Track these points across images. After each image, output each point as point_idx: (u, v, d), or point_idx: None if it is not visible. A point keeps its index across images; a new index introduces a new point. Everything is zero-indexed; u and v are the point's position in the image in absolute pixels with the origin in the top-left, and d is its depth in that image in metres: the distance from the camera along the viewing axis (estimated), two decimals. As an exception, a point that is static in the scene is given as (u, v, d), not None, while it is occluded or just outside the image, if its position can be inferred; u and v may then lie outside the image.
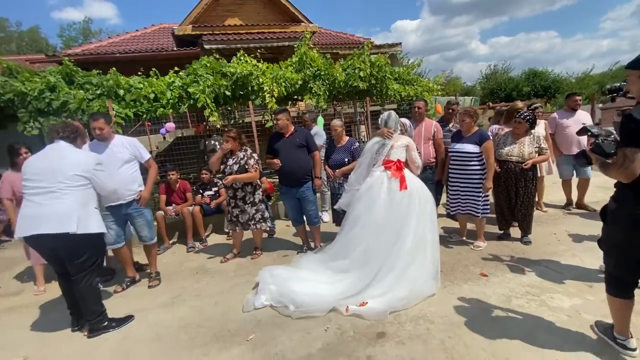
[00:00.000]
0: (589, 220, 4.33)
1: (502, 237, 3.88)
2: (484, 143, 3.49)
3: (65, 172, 2.48)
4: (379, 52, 8.56)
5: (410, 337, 2.29)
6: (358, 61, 5.78)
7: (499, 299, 2.67)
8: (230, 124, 6.03)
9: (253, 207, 3.76)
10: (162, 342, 2.49)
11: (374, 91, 6.13)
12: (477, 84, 33.64)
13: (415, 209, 2.92)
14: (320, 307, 2.64)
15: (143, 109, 4.84)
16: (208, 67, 5.14)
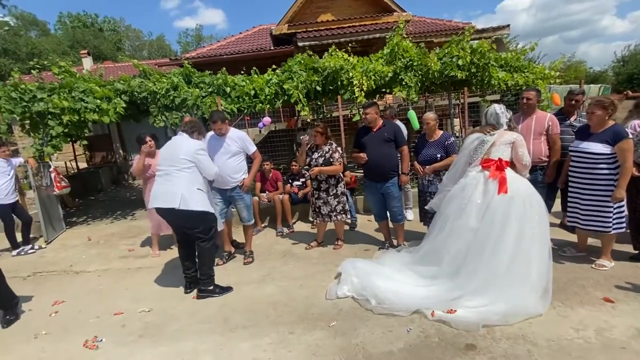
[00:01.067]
0: None
1: (638, 258, 3.14)
2: (618, 143, 2.82)
3: (176, 156, 2.99)
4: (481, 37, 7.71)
5: (506, 356, 2.06)
6: (456, 48, 5.30)
7: (628, 332, 2.18)
8: (319, 118, 6.25)
9: (335, 199, 3.88)
10: (254, 314, 2.78)
11: (473, 80, 5.56)
12: (609, 68, 27.55)
13: (517, 216, 2.58)
14: (404, 306, 2.57)
15: (245, 105, 5.38)
16: (301, 63, 5.40)
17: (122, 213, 6.61)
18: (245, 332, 2.54)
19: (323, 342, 2.33)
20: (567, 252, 3.36)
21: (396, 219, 3.84)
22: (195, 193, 2.99)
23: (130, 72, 8.28)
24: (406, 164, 3.73)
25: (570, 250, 3.37)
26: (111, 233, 5.52)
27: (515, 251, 2.55)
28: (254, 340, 2.42)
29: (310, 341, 2.36)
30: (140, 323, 2.80)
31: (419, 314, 2.52)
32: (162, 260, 4.17)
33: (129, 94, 5.52)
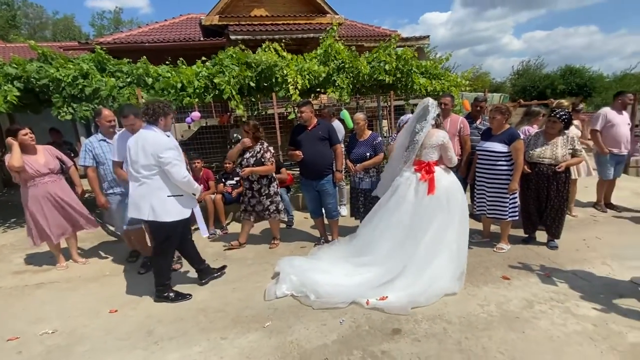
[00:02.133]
0: (621, 227, 4.11)
1: (528, 241, 3.75)
2: (513, 142, 3.35)
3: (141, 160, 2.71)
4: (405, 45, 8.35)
5: (426, 336, 2.27)
6: (384, 54, 5.67)
7: (521, 304, 2.59)
8: (254, 115, 6.09)
9: (268, 199, 3.85)
10: (182, 323, 2.59)
11: (398, 85, 6.00)
12: (507, 80, 32.25)
13: (442, 211, 2.91)
14: (342, 298, 2.68)
15: (170, 98, 4.96)
16: (234, 57, 5.20)
17: (18, 221, 5.58)
18: (172, 343, 2.36)
19: (257, 344, 2.29)
20: (475, 238, 3.85)
21: (331, 215, 3.95)
22: (166, 202, 2.70)
23: (26, 55, 7.01)
24: (340, 162, 3.85)
25: (477, 236, 3.87)
26: (2, 245, 4.62)
27: (437, 241, 2.86)
28: (182, 351, 2.26)
29: (244, 344, 2.29)
30: (42, 347, 2.40)
31: (356, 303, 2.65)
32: (71, 272, 3.64)
33: (24, 80, 4.67)
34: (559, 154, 3.42)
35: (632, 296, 2.61)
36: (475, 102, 4.64)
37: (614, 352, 2.03)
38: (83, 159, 3.47)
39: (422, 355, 2.09)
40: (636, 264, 3.10)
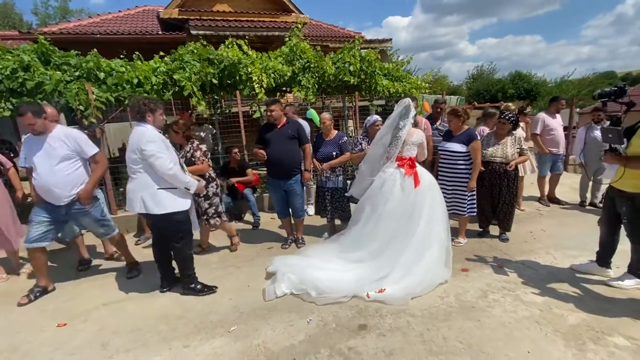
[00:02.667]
0: (562, 219, 4.52)
1: (482, 235, 4.00)
2: (471, 143, 3.55)
3: (130, 155, 2.72)
4: (369, 47, 8.54)
5: (391, 330, 2.34)
6: (348, 55, 5.74)
7: (477, 294, 2.76)
8: (217, 113, 5.89)
9: (206, 201, 3.62)
10: (141, 333, 2.44)
11: (363, 86, 6.12)
12: (463, 83, 34.21)
13: (428, 204, 3.05)
14: (343, 292, 2.73)
15: (125, 94, 4.66)
16: (195, 53, 4.99)
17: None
18: (129, 355, 2.22)
19: (222, 350, 2.22)
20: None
21: (298, 215, 3.93)
22: (156, 194, 2.71)
23: (-50, 42, 6.22)
24: (309, 162, 3.84)
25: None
26: None
27: (426, 231, 3.00)
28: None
29: (208, 351, 2.21)
30: (-26, 371, 2.15)
31: (358, 297, 2.71)
32: (12, 285, 3.30)
33: (-51, 71, 4.13)
34: (508, 153, 3.69)
35: (571, 282, 2.89)
36: (435, 104, 4.88)
37: (557, 334, 2.22)
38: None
39: (387, 348, 2.15)
40: (575, 252, 3.42)
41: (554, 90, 27.36)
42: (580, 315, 2.41)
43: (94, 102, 4.40)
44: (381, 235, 3.09)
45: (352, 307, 2.63)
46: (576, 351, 2.06)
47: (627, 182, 2.51)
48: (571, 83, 29.59)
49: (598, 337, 2.17)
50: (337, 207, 4.05)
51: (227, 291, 2.98)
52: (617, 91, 2.46)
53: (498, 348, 2.11)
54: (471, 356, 2.05)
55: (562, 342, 2.14)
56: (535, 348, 2.10)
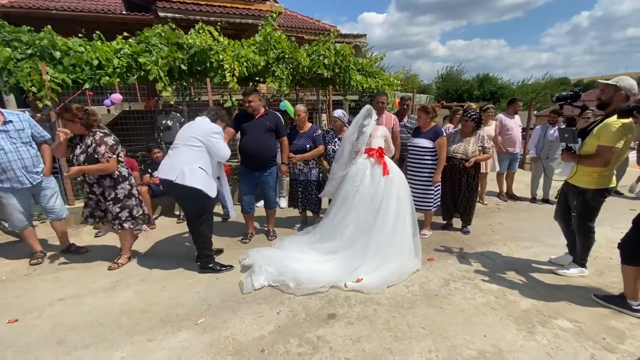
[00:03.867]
0: (517, 213, 4.85)
1: (446, 227, 4.20)
2: (437, 139, 3.70)
3: (189, 134, 2.96)
4: (344, 42, 8.57)
5: (359, 318, 2.41)
6: (323, 48, 5.72)
7: (439, 282, 2.91)
8: (185, 101, 5.66)
9: (116, 204, 3.07)
10: (101, 328, 2.33)
11: (337, 80, 6.14)
12: (433, 83, 35.31)
13: (396, 193, 3.16)
14: (321, 283, 2.77)
15: (84, 76, 4.34)
16: (162, 36, 4.74)
17: None
18: (89, 351, 2.11)
19: (189, 342, 2.18)
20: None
21: (271, 206, 3.90)
22: (196, 171, 2.87)
23: None
24: (286, 155, 3.80)
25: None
26: None
27: (396, 222, 3.11)
28: (101, 359, 2.04)
29: (174, 344, 2.16)
30: None
31: (336, 287, 2.77)
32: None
33: None
34: (469, 150, 3.88)
35: (524, 271, 3.12)
36: (402, 101, 5.00)
37: (509, 318, 2.40)
38: None
39: (354, 336, 2.22)
40: (528, 244, 3.70)
41: (515, 92, 29.04)
42: (530, 301, 2.62)
43: (48, 83, 4.07)
44: (352, 225, 3.18)
45: (322, 297, 2.67)
46: (526, 333, 2.24)
47: (580, 179, 2.73)
48: (530, 86, 31.56)
49: (545, 321, 2.37)
50: (309, 200, 4.07)
51: (195, 284, 2.92)
52: (573, 95, 2.67)
53: (457, 332, 2.25)
54: (433, 340, 2.16)
55: (515, 325, 2.32)
56: (490, 332, 2.25)
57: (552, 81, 33.57)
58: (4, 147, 2.99)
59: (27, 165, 3.12)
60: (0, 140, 2.99)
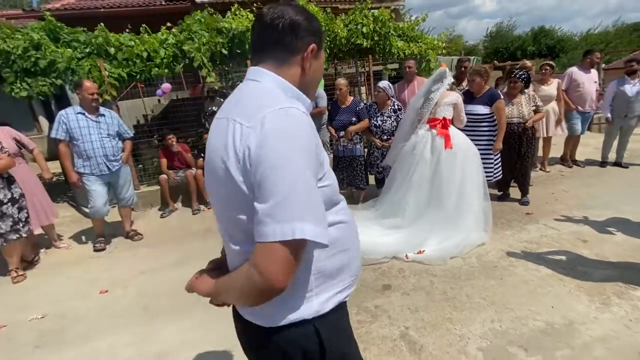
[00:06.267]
0: (585, 180, 4.42)
1: (502, 198, 3.96)
2: (494, 103, 3.42)
3: None
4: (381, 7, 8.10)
5: (415, 289, 2.42)
6: (360, 16, 5.46)
7: (498, 254, 2.79)
8: (228, 85, 5.81)
9: (14, 205, 2.90)
10: (176, 297, 2.60)
11: (376, 49, 5.87)
12: (480, 43, 32.34)
13: (460, 166, 3.03)
14: (383, 254, 2.82)
15: (136, 69, 4.62)
16: (202, 22, 4.84)
17: None
18: (169, 316, 2.38)
19: (255, 310, 2.35)
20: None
21: None
22: None
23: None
24: None
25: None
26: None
27: (460, 195, 3.01)
28: (179, 324, 2.30)
29: (241, 312, 2.35)
30: (33, 332, 2.36)
31: (397, 258, 2.82)
32: (51, 258, 3.52)
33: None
34: (524, 112, 3.55)
35: (595, 241, 2.87)
36: (459, 63, 4.65)
37: (580, 290, 2.26)
38: (55, 130, 3.31)
39: (412, 306, 2.24)
40: (597, 212, 3.38)
41: (579, 45, 25.59)
42: (604, 272, 2.42)
43: (107, 78, 4.40)
44: (412, 203, 3.11)
45: (375, 269, 2.71)
46: (600, 305, 2.09)
47: None
48: (597, 36, 27.55)
49: (622, 292, 2.19)
50: (355, 176, 4.05)
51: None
52: None
53: (521, 304, 2.16)
54: (495, 311, 2.11)
55: (586, 297, 2.18)
56: (558, 303, 2.14)
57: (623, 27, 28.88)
58: (92, 136, 3.33)
59: (108, 154, 3.43)
60: (91, 129, 3.34)
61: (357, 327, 2.08)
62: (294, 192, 0.65)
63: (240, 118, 0.72)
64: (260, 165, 0.66)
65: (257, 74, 0.82)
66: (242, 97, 0.80)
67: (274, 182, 0.65)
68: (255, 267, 0.67)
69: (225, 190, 0.74)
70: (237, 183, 0.70)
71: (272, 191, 0.65)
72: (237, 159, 0.69)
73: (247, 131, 0.69)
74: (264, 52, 0.83)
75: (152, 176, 5.07)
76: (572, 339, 1.85)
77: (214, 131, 0.80)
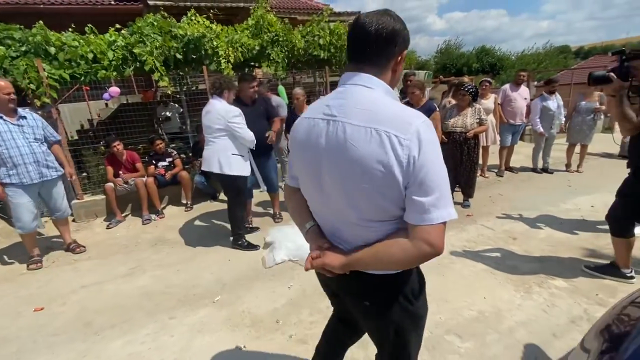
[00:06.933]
0: (518, 183, 4.94)
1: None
2: (431, 114, 3.74)
3: (212, 127, 3.08)
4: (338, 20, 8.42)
5: (366, 289, 2.55)
6: (317, 28, 5.66)
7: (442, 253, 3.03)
8: (183, 90, 5.66)
9: None
10: (124, 310, 2.48)
11: (333, 60, 6.09)
12: (431, 58, 34.67)
13: None
14: None
15: (81, 71, 4.35)
16: (155, 26, 4.71)
17: None
18: (115, 330, 2.27)
19: (208, 318, 2.32)
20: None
21: (274, 189, 3.96)
22: (230, 158, 3.12)
23: None
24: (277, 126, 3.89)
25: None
26: None
27: None
28: (127, 337, 2.19)
29: (194, 320, 2.31)
30: (-51, 360, 2.11)
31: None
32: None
33: None
34: (468, 123, 3.93)
35: (524, 238, 3.24)
36: (405, 77, 5.00)
37: (508, 281, 2.53)
38: None
39: (362, 305, 2.35)
40: (527, 212, 3.81)
41: (515, 63, 28.48)
42: (529, 265, 2.75)
43: (46, 80, 4.09)
44: None
45: (329, 272, 2.81)
46: (524, 294, 2.37)
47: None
48: (530, 57, 30.91)
49: (542, 281, 2.51)
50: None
51: (208, 267, 3.06)
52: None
53: (459, 296, 2.38)
54: (436, 304, 2.30)
55: (513, 287, 2.46)
56: (490, 294, 2.39)
57: (552, 50, 32.79)
58: (17, 141, 3.05)
59: (40, 160, 3.16)
60: (14, 134, 3.04)
61: (310, 328, 2.15)
62: (446, 188, 0.88)
63: (394, 130, 0.86)
64: (422, 168, 0.85)
65: (368, 80, 0.93)
66: (363, 103, 0.91)
67: (434, 181, 0.86)
68: (427, 242, 0.89)
69: (377, 185, 0.88)
70: (398, 181, 0.87)
71: (433, 188, 0.86)
72: (402, 164, 0.85)
73: (406, 141, 0.85)
74: (367, 59, 0.93)
75: (97, 184, 4.76)
76: (499, 325, 2.08)
77: (356, 137, 0.89)
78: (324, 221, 1.08)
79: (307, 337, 2.08)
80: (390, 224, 0.94)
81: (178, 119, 6.34)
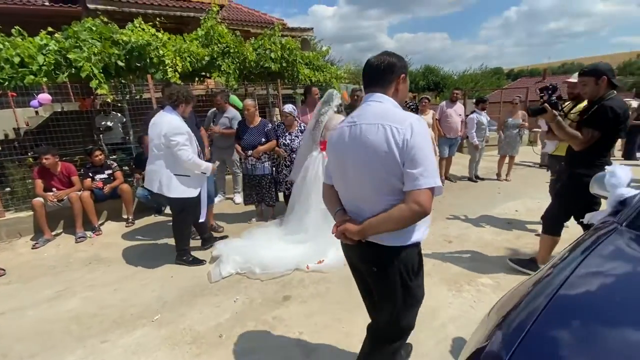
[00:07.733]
0: (455, 192, 5.39)
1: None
2: None
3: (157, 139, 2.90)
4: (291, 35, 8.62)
5: (312, 296, 2.60)
6: (268, 42, 5.76)
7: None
8: (125, 99, 5.36)
9: None
10: (48, 337, 2.26)
11: (285, 74, 6.22)
12: (383, 75, 36.48)
13: None
14: (286, 267, 2.94)
15: (4, 75, 3.96)
16: (94, 31, 4.45)
17: None
18: (36, 359, 2.05)
19: (145, 338, 2.20)
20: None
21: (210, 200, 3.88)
22: (172, 179, 2.92)
23: None
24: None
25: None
26: None
27: None
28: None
29: (129, 342, 2.17)
30: None
31: (299, 270, 2.95)
32: None
33: None
34: None
35: (459, 241, 3.53)
36: (352, 93, 5.26)
37: (442, 281, 2.74)
38: None
39: (307, 312, 2.40)
40: (462, 217, 4.17)
41: (456, 82, 31.18)
42: (461, 265, 3.00)
43: (-40, 83, 3.66)
44: (313, 220, 3.32)
45: (277, 282, 2.82)
46: (455, 292, 2.59)
47: None
48: (469, 77, 34.06)
49: (471, 279, 2.75)
50: (264, 194, 4.15)
51: (149, 284, 2.90)
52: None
53: (399, 298, 2.52)
54: (377, 308, 2.42)
55: (446, 286, 2.67)
56: (426, 293, 2.55)
57: (487, 71, 36.47)
58: None
59: None
60: None
61: (255, 340, 2.14)
62: (431, 163, 1.19)
63: (394, 124, 1.21)
64: (412, 149, 1.17)
65: (379, 97, 1.33)
66: (376, 111, 1.29)
67: (421, 157, 1.17)
68: (416, 203, 1.17)
69: (384, 164, 1.22)
70: (397, 159, 1.19)
71: (420, 163, 1.17)
72: (398, 146, 1.18)
73: (402, 130, 1.19)
74: (376, 83, 1.34)
75: (22, 200, 4.30)
76: (433, 321, 2.24)
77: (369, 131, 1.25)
78: (349, 203, 1.39)
79: (253, 348, 2.07)
80: (395, 200, 1.24)
81: (120, 128, 5.98)
